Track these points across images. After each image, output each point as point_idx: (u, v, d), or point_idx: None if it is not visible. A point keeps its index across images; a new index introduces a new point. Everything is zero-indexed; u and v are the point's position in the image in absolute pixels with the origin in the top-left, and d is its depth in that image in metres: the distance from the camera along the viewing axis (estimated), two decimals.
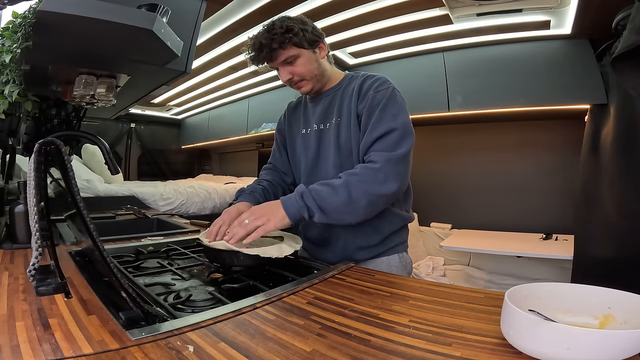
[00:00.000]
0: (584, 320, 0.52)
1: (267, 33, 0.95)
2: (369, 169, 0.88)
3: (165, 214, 2.18)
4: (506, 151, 2.75)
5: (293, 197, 0.88)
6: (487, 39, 2.31)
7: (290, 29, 0.94)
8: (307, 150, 1.09)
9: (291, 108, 1.20)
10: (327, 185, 0.88)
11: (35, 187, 0.57)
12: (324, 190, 0.87)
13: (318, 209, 0.85)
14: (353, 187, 0.86)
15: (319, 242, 1.07)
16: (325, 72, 1.04)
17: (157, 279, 0.85)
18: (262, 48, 0.96)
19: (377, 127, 0.92)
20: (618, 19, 1.39)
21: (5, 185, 1.36)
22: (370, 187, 0.87)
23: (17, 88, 1.02)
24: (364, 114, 0.96)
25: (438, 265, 2.78)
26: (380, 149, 0.90)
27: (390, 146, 0.90)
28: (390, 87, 0.96)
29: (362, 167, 0.90)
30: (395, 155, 0.89)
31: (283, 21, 0.96)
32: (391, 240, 1.04)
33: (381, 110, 0.93)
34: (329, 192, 0.86)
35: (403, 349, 0.49)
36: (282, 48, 0.95)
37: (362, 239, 1.01)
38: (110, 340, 0.48)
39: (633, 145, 1.53)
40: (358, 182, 0.87)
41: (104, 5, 0.85)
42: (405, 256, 1.08)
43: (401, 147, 0.90)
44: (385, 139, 0.91)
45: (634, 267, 1.41)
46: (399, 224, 1.05)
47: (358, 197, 0.86)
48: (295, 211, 0.86)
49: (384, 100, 0.94)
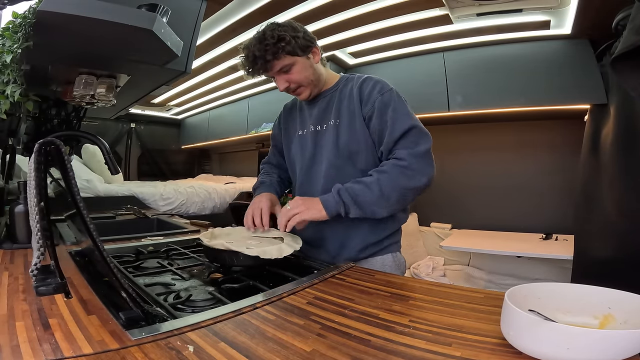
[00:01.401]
0: (584, 320, 0.52)
1: (259, 44, 0.95)
2: (396, 166, 0.93)
3: (165, 214, 2.18)
4: (506, 151, 2.75)
5: (330, 195, 0.94)
6: (487, 39, 2.31)
7: (282, 38, 0.94)
8: (303, 151, 1.10)
9: (287, 110, 1.22)
10: (360, 182, 0.93)
11: (36, 187, 0.57)
12: (358, 188, 0.92)
13: (354, 204, 0.92)
14: (384, 184, 0.91)
15: (313, 242, 1.07)
16: (321, 76, 1.06)
17: (157, 279, 0.85)
18: (256, 60, 0.96)
19: (396, 127, 0.95)
20: (618, 19, 1.39)
21: (5, 185, 1.36)
22: (400, 183, 0.92)
23: (19, 88, 1.02)
24: (374, 117, 0.98)
25: (438, 265, 2.78)
26: (404, 147, 0.94)
27: (413, 142, 0.94)
28: (392, 89, 1.00)
29: (391, 165, 0.94)
30: (418, 151, 0.93)
31: (274, 30, 0.95)
32: (386, 241, 1.05)
33: (393, 111, 0.96)
34: (363, 189, 0.92)
35: (403, 349, 0.49)
36: (276, 58, 0.96)
37: (358, 240, 1.02)
38: (110, 340, 0.48)
39: (633, 145, 1.53)
40: (388, 179, 0.92)
41: (104, 5, 0.85)
42: (399, 256, 1.09)
43: (422, 143, 0.94)
44: (407, 137, 0.95)
45: (634, 267, 1.41)
46: (396, 226, 1.07)
47: (389, 193, 0.91)
48: (332, 206, 0.92)
49: (391, 102, 0.97)
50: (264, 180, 1.17)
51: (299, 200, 0.95)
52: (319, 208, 0.92)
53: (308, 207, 0.92)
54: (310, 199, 0.94)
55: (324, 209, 0.92)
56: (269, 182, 1.16)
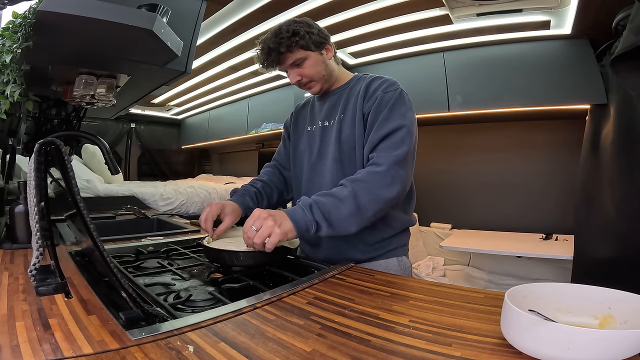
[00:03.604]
0: (584, 320, 0.52)
1: (275, 37, 0.97)
2: (373, 174, 0.87)
3: (165, 214, 2.18)
4: (506, 151, 2.75)
5: (299, 208, 0.84)
6: (487, 39, 2.31)
7: (296, 33, 0.96)
8: (311, 146, 1.10)
9: (299, 107, 1.24)
10: (332, 196, 0.85)
11: (36, 187, 0.57)
12: (330, 203, 0.84)
13: (325, 222, 0.83)
14: (361, 196, 0.85)
15: (311, 241, 1.07)
16: (333, 72, 1.07)
17: (157, 279, 0.85)
18: (270, 52, 0.98)
19: (385, 125, 0.92)
20: (618, 19, 1.39)
21: (5, 185, 1.36)
22: (377, 193, 0.86)
23: (19, 88, 1.02)
24: (370, 113, 0.96)
25: (438, 265, 2.78)
26: (385, 148, 0.90)
27: (396, 144, 0.90)
28: (399, 89, 0.98)
29: (367, 173, 0.88)
30: (398, 155, 0.89)
31: (290, 25, 0.98)
32: (389, 243, 1.03)
33: (389, 109, 0.94)
34: (336, 204, 0.84)
35: (403, 349, 0.49)
36: (290, 51, 0.98)
37: (357, 240, 1.00)
38: (110, 340, 0.48)
39: (633, 145, 1.53)
40: (364, 190, 0.85)
41: (104, 5, 0.85)
42: (405, 260, 1.06)
43: (403, 146, 0.90)
44: (391, 138, 0.91)
45: (634, 267, 1.41)
46: (399, 227, 1.04)
47: (366, 205, 0.85)
48: (302, 225, 0.82)
49: (392, 100, 0.95)
50: (237, 190, 1.16)
51: (264, 214, 0.81)
52: (290, 227, 0.81)
53: (280, 225, 0.79)
54: (277, 214, 0.82)
55: (294, 229, 0.81)
56: (241, 192, 1.13)
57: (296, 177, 1.16)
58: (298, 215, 0.83)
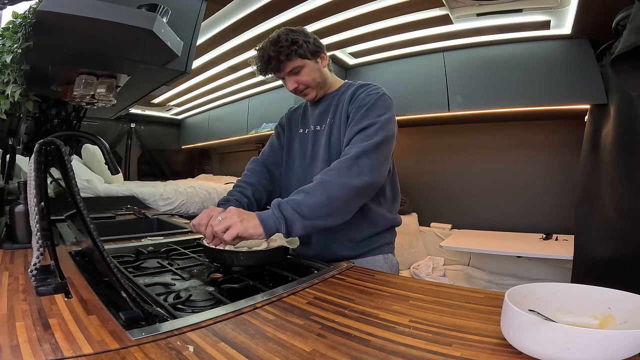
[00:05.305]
0: (584, 320, 0.52)
1: (274, 46, 1.00)
2: (341, 162, 0.89)
3: (165, 214, 2.18)
4: (506, 151, 2.75)
5: (269, 211, 0.84)
6: (487, 39, 2.32)
7: (295, 42, 1.00)
8: (303, 149, 1.14)
9: (292, 110, 1.26)
10: (301, 191, 0.86)
11: (36, 187, 0.57)
12: (299, 197, 0.85)
13: (298, 216, 0.82)
14: (329, 184, 0.85)
15: (302, 238, 1.08)
16: (327, 79, 1.12)
17: (157, 279, 0.85)
18: (270, 60, 1.01)
19: (360, 122, 0.96)
20: (618, 19, 1.40)
21: (5, 185, 1.36)
22: (346, 182, 0.86)
23: (19, 88, 1.02)
24: (352, 113, 1.01)
25: (438, 265, 2.78)
26: (357, 140, 0.93)
27: (368, 136, 0.92)
28: (380, 92, 1.02)
29: (336, 162, 0.91)
30: (367, 146, 0.90)
31: (287, 34, 1.01)
32: (375, 241, 1.06)
33: (367, 109, 0.98)
34: (305, 196, 0.85)
35: (403, 349, 0.49)
36: (289, 60, 1.01)
37: (345, 238, 1.03)
38: (110, 340, 0.48)
39: (633, 145, 1.53)
40: (333, 178, 0.87)
41: (104, 5, 0.85)
42: (391, 257, 1.10)
43: (375, 137, 0.92)
44: (364, 132, 0.94)
45: (634, 267, 1.41)
46: (383, 226, 1.07)
47: (336, 194, 0.85)
48: (271, 223, 0.82)
49: (372, 101, 0.99)
50: (229, 199, 1.08)
51: (232, 210, 0.82)
52: (255, 224, 0.81)
53: (242, 220, 0.80)
54: (247, 213, 0.83)
55: (260, 226, 0.81)
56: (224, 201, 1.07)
57: (287, 177, 1.18)
58: (266, 214, 0.83)
